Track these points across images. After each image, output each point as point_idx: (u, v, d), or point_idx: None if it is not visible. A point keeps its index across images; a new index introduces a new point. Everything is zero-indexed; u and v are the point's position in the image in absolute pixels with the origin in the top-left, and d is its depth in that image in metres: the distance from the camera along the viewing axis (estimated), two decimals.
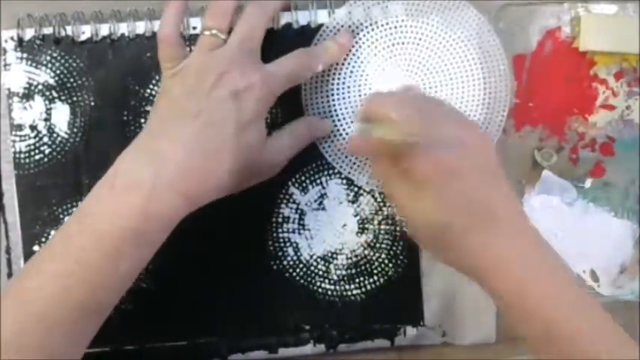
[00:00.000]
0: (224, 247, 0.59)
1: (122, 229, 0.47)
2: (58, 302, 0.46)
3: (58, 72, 0.58)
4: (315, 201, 0.59)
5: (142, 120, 0.58)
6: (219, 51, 0.52)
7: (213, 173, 0.50)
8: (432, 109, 0.51)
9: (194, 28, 0.58)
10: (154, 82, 0.58)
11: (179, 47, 0.53)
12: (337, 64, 0.58)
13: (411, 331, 0.59)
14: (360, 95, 0.58)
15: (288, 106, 0.58)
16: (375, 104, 0.50)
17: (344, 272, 0.59)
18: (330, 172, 0.59)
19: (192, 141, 0.49)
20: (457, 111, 0.56)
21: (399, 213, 0.53)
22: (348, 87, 0.58)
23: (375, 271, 0.59)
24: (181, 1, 0.54)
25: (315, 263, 0.59)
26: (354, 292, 0.59)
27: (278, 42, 0.57)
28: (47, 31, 0.58)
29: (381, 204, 0.59)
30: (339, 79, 0.58)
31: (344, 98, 0.58)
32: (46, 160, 0.58)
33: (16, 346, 0.45)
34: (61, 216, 0.58)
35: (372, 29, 0.58)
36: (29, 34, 0.58)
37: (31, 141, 0.58)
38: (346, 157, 0.58)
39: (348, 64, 0.58)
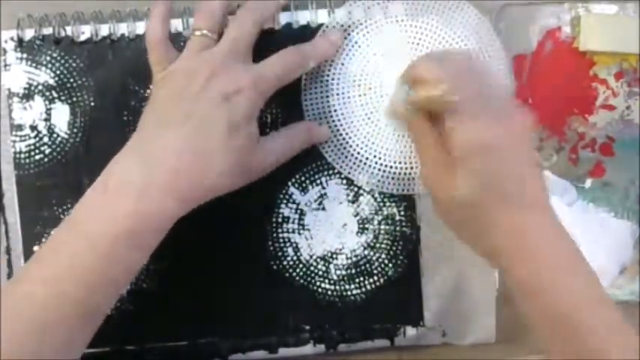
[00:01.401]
0: (224, 247, 0.59)
1: (115, 231, 0.47)
2: (52, 307, 0.46)
3: (58, 72, 0.58)
4: (315, 201, 0.59)
5: None
6: (208, 52, 0.52)
7: (205, 174, 0.49)
8: (483, 78, 0.50)
9: None
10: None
11: (168, 50, 0.53)
12: (336, 64, 0.58)
13: (411, 331, 0.59)
14: (359, 95, 0.58)
15: (289, 106, 0.58)
16: (420, 67, 0.50)
17: (344, 272, 0.59)
18: (330, 172, 0.58)
19: (182, 143, 0.49)
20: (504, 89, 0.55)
21: (424, 181, 0.52)
22: (347, 87, 0.58)
23: (375, 271, 0.59)
24: (165, 2, 0.54)
25: (315, 263, 0.59)
26: (354, 292, 0.59)
27: (278, 42, 0.57)
28: (47, 31, 0.58)
29: (381, 204, 0.59)
30: (338, 79, 0.58)
31: (343, 98, 0.58)
32: (46, 160, 0.58)
33: (9, 354, 0.44)
34: (62, 216, 0.58)
35: (372, 29, 0.58)
36: (29, 34, 0.58)
37: (31, 141, 0.58)
38: (346, 157, 0.58)
39: (348, 64, 0.58)
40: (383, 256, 0.59)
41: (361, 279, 0.59)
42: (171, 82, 0.51)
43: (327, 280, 0.59)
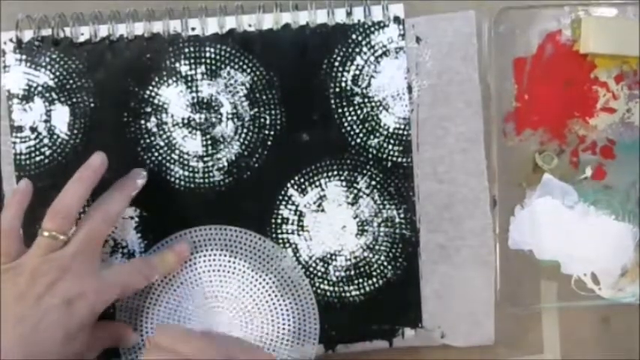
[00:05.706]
0: None
1: None
2: None
3: (57, 73, 0.58)
4: (315, 202, 0.59)
5: (142, 121, 0.58)
6: (55, 255, 0.51)
7: None
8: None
9: (193, 29, 0.58)
10: (153, 83, 0.58)
11: (17, 243, 0.53)
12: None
13: (409, 332, 0.59)
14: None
15: (292, 107, 0.58)
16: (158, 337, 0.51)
17: (343, 274, 0.59)
18: (329, 174, 0.58)
19: (13, 347, 0.48)
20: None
21: None
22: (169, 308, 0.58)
23: (374, 273, 0.59)
24: (25, 191, 0.54)
25: (314, 264, 0.59)
26: (353, 293, 0.59)
27: (277, 42, 0.57)
28: (46, 32, 0.58)
29: (381, 206, 0.59)
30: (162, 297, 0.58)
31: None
32: (46, 161, 0.58)
33: None
34: None
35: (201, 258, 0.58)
36: (28, 35, 0.58)
37: (32, 142, 0.58)
38: None
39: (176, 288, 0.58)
40: (382, 258, 0.59)
41: (360, 280, 0.59)
42: (15, 278, 0.51)
43: (326, 282, 0.59)
